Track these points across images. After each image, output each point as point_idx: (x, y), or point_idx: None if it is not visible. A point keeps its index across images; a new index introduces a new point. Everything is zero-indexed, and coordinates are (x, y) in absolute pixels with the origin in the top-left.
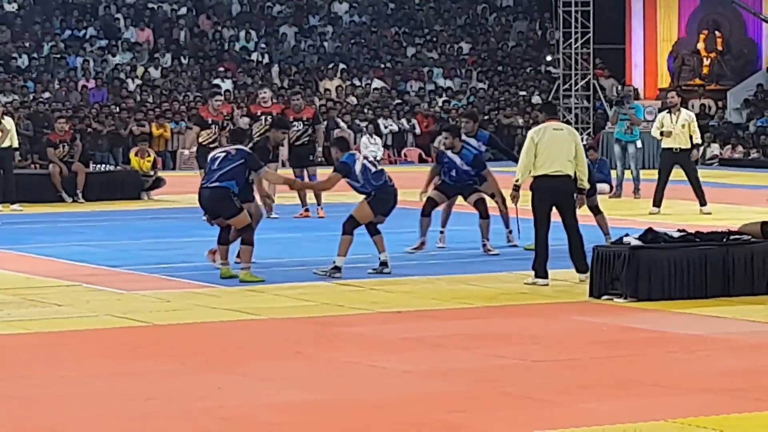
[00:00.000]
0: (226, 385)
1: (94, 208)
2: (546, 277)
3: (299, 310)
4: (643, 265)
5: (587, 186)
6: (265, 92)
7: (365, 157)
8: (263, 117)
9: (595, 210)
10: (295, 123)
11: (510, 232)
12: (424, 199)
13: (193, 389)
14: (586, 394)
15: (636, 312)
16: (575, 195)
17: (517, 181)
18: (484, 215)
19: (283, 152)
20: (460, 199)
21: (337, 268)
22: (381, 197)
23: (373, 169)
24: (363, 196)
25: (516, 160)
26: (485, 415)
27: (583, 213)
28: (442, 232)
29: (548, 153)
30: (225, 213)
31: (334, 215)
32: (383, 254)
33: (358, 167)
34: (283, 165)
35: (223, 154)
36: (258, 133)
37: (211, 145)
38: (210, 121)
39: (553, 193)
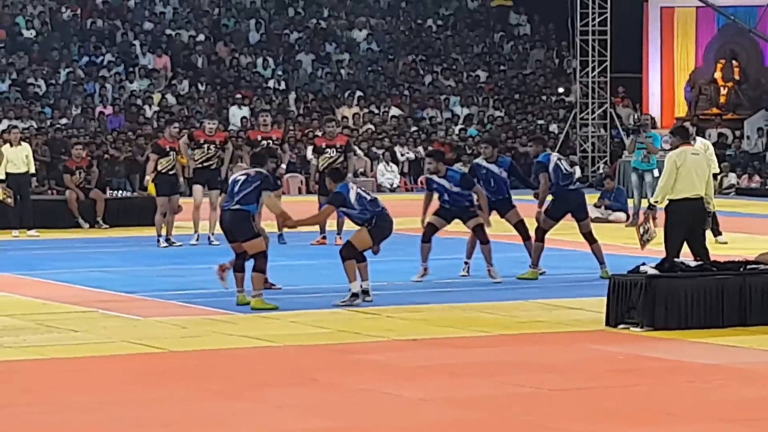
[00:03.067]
0: (241, 412)
1: (111, 234)
2: None
3: (315, 337)
4: (659, 294)
5: (713, 209)
6: (265, 116)
7: (359, 187)
8: (263, 141)
9: (590, 238)
10: (328, 150)
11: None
12: (431, 218)
13: (208, 416)
14: (602, 423)
15: (652, 341)
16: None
17: (656, 202)
18: (483, 241)
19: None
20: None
21: (355, 295)
22: (380, 225)
23: (368, 197)
24: (362, 225)
25: (532, 188)
26: None
27: (574, 239)
28: (466, 263)
29: (688, 177)
30: (242, 236)
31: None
32: (365, 282)
33: (352, 196)
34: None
35: (243, 177)
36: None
37: (170, 173)
38: (168, 149)
39: (692, 216)
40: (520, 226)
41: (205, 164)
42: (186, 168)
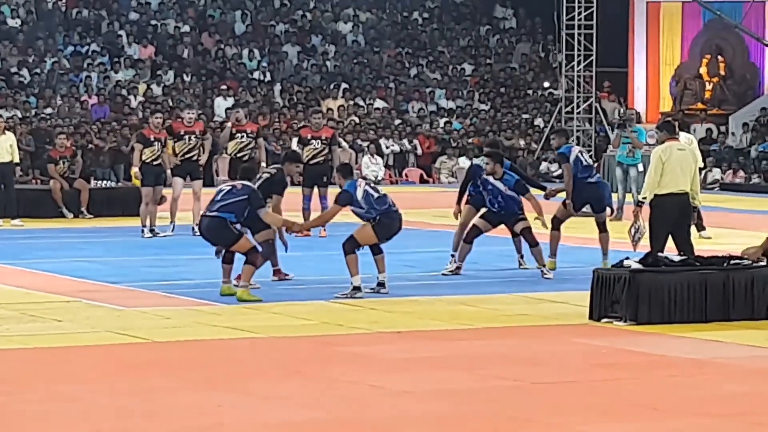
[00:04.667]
0: (225, 403)
1: (95, 224)
2: None
3: (299, 329)
4: (643, 289)
5: (699, 204)
6: (238, 112)
7: (367, 183)
8: (239, 135)
9: (602, 227)
10: (313, 141)
11: (522, 256)
12: (460, 218)
13: (192, 407)
14: (585, 416)
15: (636, 335)
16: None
17: (644, 198)
18: (533, 243)
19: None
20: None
21: (357, 288)
22: (385, 222)
23: (376, 195)
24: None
25: (541, 188)
26: None
27: (582, 233)
28: (453, 255)
29: (674, 172)
30: (224, 242)
31: (336, 234)
32: (382, 275)
33: (360, 194)
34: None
35: (229, 188)
36: (234, 151)
37: (155, 163)
38: (152, 139)
39: (676, 211)
40: (526, 233)
41: (186, 156)
42: (168, 161)
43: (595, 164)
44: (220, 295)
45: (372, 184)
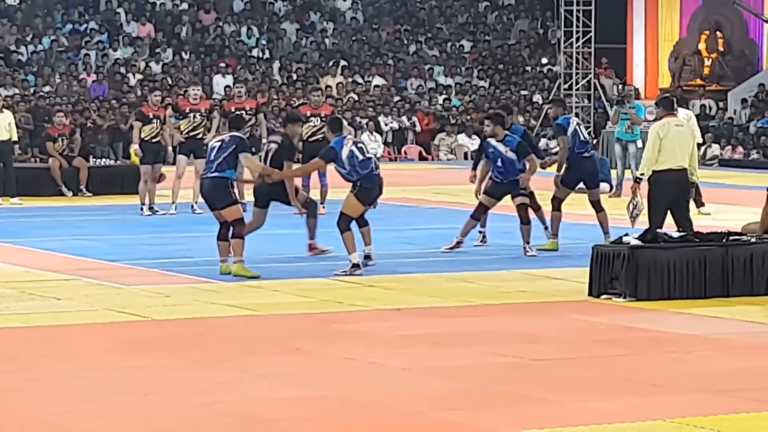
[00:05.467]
0: (224, 380)
1: (94, 202)
2: None
3: (298, 306)
4: (642, 265)
5: (697, 180)
6: (240, 87)
7: (355, 143)
8: (237, 112)
9: (597, 206)
10: (312, 118)
11: (546, 228)
12: (480, 197)
13: (191, 384)
14: (584, 393)
15: (635, 311)
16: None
17: (642, 174)
18: (525, 221)
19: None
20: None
21: (356, 266)
22: (365, 187)
23: (360, 157)
24: (349, 189)
25: (540, 158)
26: (483, 413)
27: (581, 210)
28: (481, 232)
29: (672, 148)
30: (220, 203)
31: (336, 212)
32: (368, 247)
33: (345, 153)
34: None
35: (219, 143)
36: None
37: (154, 140)
38: (151, 116)
39: (675, 186)
40: (521, 209)
41: (191, 134)
42: (172, 138)
43: (594, 141)
44: (219, 274)
45: (360, 144)
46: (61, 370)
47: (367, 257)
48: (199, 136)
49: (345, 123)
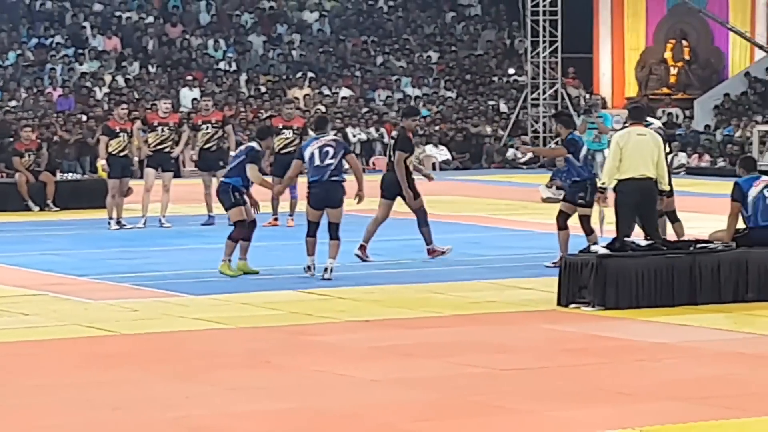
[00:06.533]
0: (194, 394)
1: (62, 216)
2: None
3: (267, 319)
4: (610, 274)
5: (667, 188)
6: (207, 101)
7: (322, 146)
8: (204, 126)
9: (673, 217)
10: (284, 131)
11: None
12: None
13: (160, 399)
14: (554, 402)
15: (603, 320)
16: (657, 198)
17: (603, 184)
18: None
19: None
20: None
21: (308, 268)
22: (313, 192)
23: (317, 162)
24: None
25: None
26: (453, 423)
27: (527, 219)
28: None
29: (632, 158)
30: (223, 205)
31: (303, 223)
32: (330, 260)
33: (307, 154)
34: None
35: (237, 152)
36: (202, 143)
37: (121, 154)
38: (118, 130)
39: (638, 196)
40: (582, 221)
41: (158, 147)
42: (140, 151)
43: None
44: (236, 270)
45: (327, 149)
46: (30, 385)
47: (325, 270)
48: (167, 149)
49: (329, 126)
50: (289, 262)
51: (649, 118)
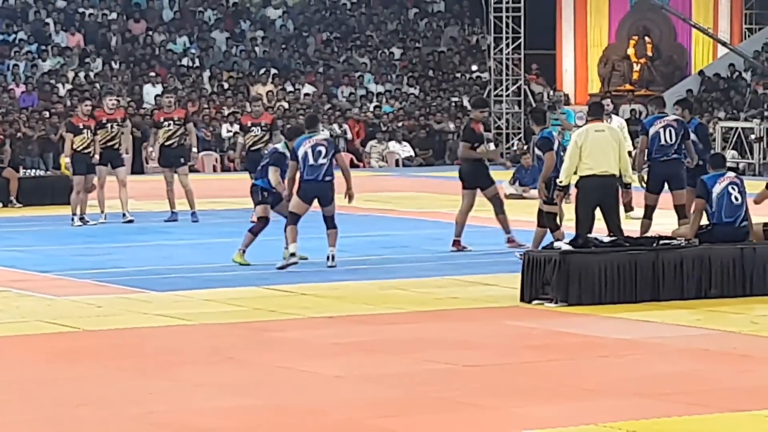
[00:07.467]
0: (157, 390)
1: (25, 213)
2: None
3: (230, 315)
4: (573, 270)
5: (631, 180)
6: (169, 97)
7: (315, 146)
8: (166, 123)
9: (682, 212)
10: (254, 128)
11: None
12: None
13: (124, 395)
14: (517, 398)
15: (566, 316)
16: (620, 192)
17: (560, 182)
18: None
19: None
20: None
21: (293, 254)
22: (304, 187)
23: (311, 162)
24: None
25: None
26: (417, 419)
27: (490, 216)
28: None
29: (594, 155)
30: (253, 202)
31: (279, 221)
32: (330, 248)
33: (301, 152)
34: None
35: (266, 154)
36: (163, 140)
37: (85, 151)
38: (81, 127)
39: (599, 192)
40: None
41: (108, 143)
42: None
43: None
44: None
45: (319, 148)
46: None
47: (330, 258)
48: (116, 146)
49: (320, 124)
50: (252, 258)
51: (613, 116)
